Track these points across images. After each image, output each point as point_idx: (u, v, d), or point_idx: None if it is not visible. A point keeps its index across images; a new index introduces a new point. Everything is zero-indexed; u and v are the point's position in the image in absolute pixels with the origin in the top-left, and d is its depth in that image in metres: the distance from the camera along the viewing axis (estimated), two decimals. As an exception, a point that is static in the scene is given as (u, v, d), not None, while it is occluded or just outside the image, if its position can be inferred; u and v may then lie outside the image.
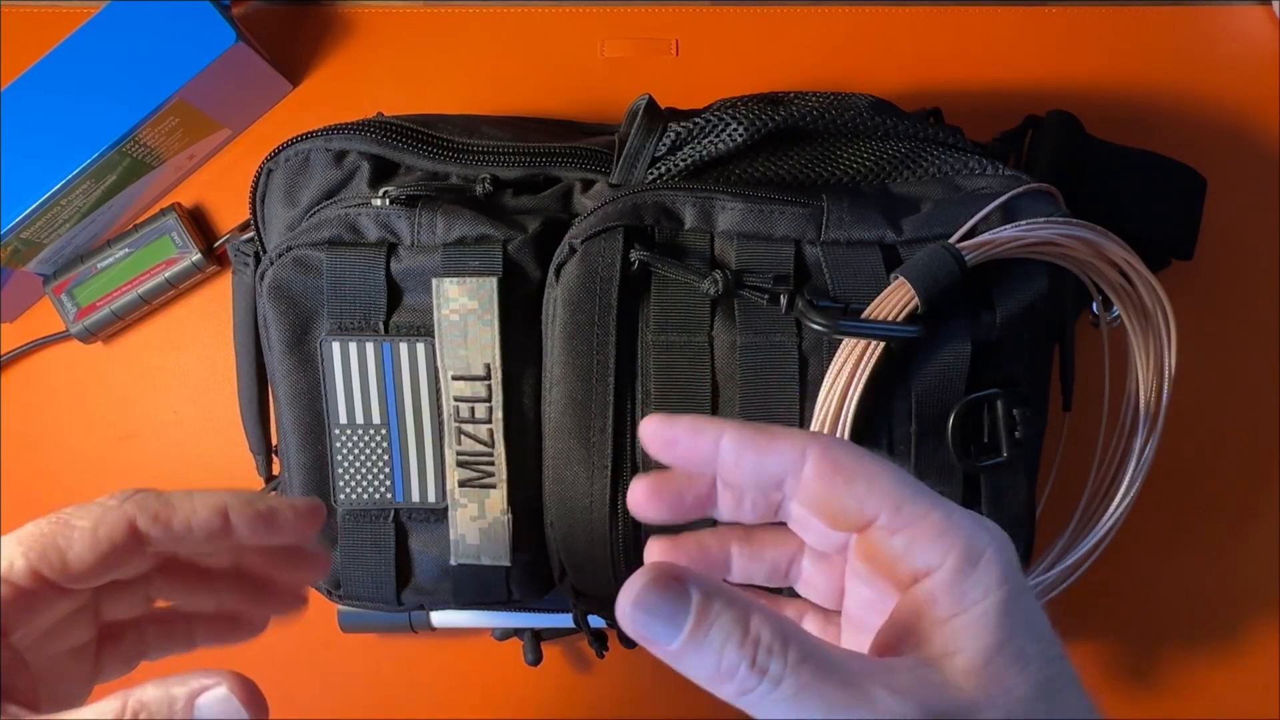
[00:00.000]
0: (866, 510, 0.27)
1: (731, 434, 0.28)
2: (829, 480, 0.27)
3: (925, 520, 0.27)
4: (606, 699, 0.57)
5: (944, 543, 0.27)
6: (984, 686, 0.25)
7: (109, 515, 0.30)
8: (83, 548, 0.30)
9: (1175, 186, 0.53)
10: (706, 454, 0.29)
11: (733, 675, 0.25)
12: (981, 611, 0.26)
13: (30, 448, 0.59)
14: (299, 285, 0.43)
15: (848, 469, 0.27)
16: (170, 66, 0.52)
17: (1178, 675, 0.57)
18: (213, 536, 0.31)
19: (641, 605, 0.25)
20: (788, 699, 0.25)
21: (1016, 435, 0.41)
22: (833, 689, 0.25)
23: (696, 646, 0.26)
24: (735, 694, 0.25)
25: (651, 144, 0.44)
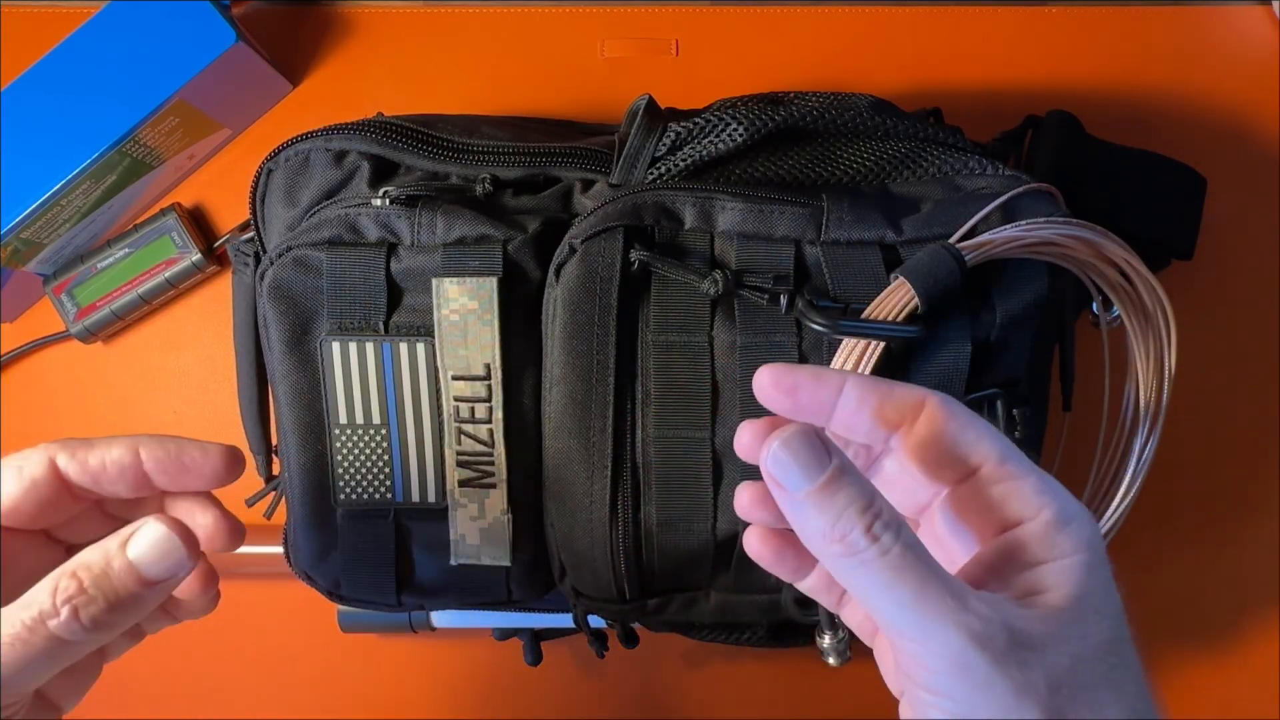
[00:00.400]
0: (973, 458, 0.29)
1: (855, 381, 0.30)
2: (946, 425, 0.29)
3: (1025, 478, 0.29)
4: (606, 699, 0.57)
5: (1040, 500, 0.29)
6: (1063, 626, 0.27)
7: (32, 454, 0.33)
8: (11, 485, 0.33)
9: (1175, 186, 0.53)
10: (826, 401, 0.30)
11: (845, 536, 0.27)
12: (1070, 564, 0.28)
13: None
14: (299, 285, 0.43)
15: (963, 418, 0.30)
16: (170, 66, 0.52)
17: (1178, 675, 0.57)
18: (127, 474, 0.33)
19: (788, 446, 0.27)
20: (889, 570, 0.26)
21: (1016, 435, 0.41)
22: (932, 581, 0.27)
23: (821, 499, 0.27)
24: (840, 553, 0.27)
25: (651, 144, 0.44)
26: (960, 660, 0.26)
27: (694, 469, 0.41)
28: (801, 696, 0.57)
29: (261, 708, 0.58)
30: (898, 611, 0.27)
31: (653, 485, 0.42)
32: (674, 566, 0.43)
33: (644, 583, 0.43)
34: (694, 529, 0.42)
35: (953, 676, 0.26)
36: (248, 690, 0.58)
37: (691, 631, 0.47)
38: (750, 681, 0.57)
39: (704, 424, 0.41)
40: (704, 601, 0.44)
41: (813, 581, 0.35)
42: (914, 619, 0.26)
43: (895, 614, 0.27)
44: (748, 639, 0.47)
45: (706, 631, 0.47)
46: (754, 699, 0.57)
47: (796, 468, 0.27)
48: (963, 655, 0.26)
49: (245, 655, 0.58)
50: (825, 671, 0.55)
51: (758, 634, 0.47)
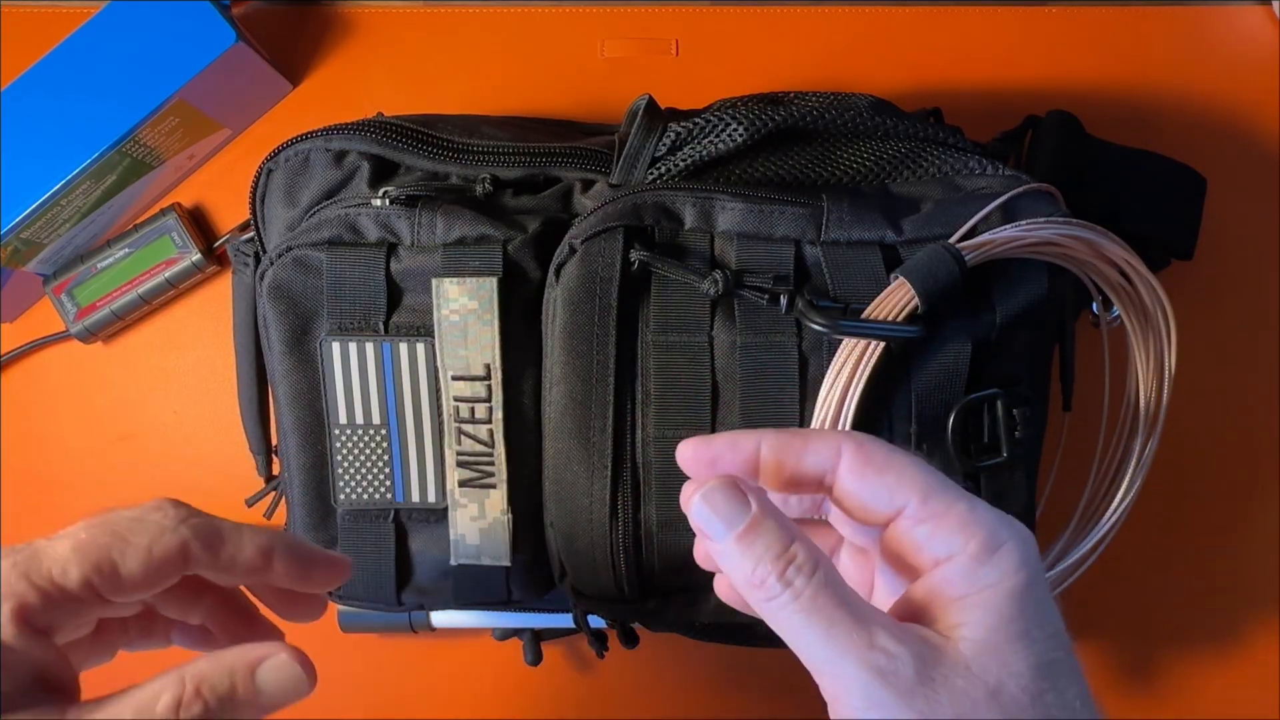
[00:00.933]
0: (896, 500, 0.29)
1: (769, 441, 0.31)
2: (861, 472, 0.30)
3: (950, 512, 0.29)
4: (606, 699, 0.57)
5: (966, 532, 0.29)
6: (981, 657, 0.27)
7: (166, 537, 0.30)
8: (135, 564, 0.30)
9: (1175, 186, 0.53)
10: (748, 464, 0.31)
11: (763, 581, 0.28)
12: (992, 595, 0.28)
13: (30, 448, 0.59)
14: (299, 285, 0.43)
15: (879, 461, 0.30)
16: (170, 66, 0.52)
17: (1178, 675, 0.57)
18: (252, 573, 0.32)
19: (708, 499, 0.29)
20: (800, 612, 0.28)
21: (1016, 435, 0.41)
22: (841, 616, 0.28)
23: (741, 548, 0.29)
24: (760, 597, 0.28)
25: (651, 144, 0.44)
26: (866, 694, 0.27)
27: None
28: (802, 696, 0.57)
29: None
30: (811, 649, 0.28)
31: (653, 485, 0.42)
32: (674, 566, 0.43)
33: (644, 583, 0.43)
34: None
35: (862, 710, 0.27)
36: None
37: (691, 631, 0.47)
38: (750, 681, 0.57)
39: (704, 424, 0.41)
40: (704, 601, 0.44)
41: None
42: (824, 655, 0.27)
43: (809, 652, 0.28)
44: (748, 639, 0.47)
45: (706, 631, 0.47)
46: (754, 699, 0.57)
47: (717, 519, 0.29)
48: (868, 689, 0.27)
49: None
50: (825, 671, 0.55)
51: (758, 634, 0.47)
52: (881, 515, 0.30)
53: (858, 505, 0.30)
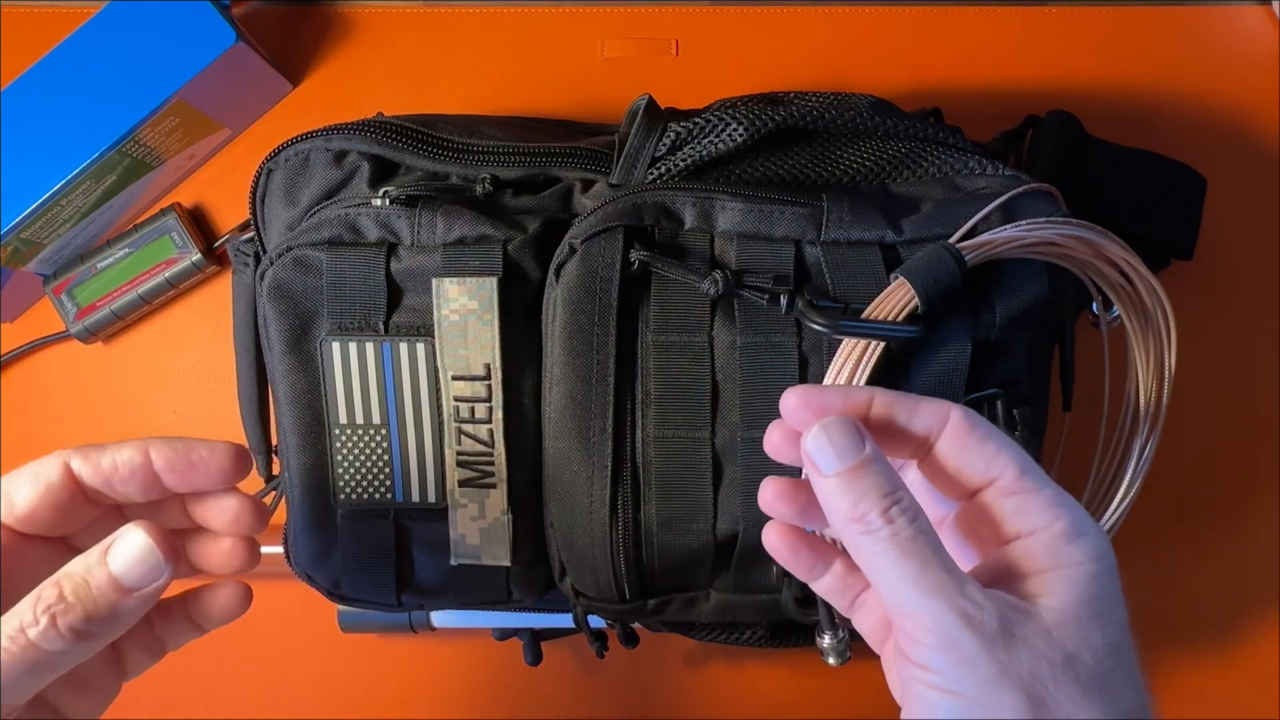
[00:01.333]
0: (992, 470, 0.31)
1: (883, 397, 0.32)
2: (966, 439, 0.31)
3: (1041, 492, 0.30)
4: (606, 699, 0.57)
5: (1053, 512, 0.30)
6: (1063, 625, 0.29)
7: (46, 459, 0.34)
8: (27, 490, 0.33)
9: (1175, 186, 0.53)
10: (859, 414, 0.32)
11: (864, 515, 0.29)
12: (1076, 571, 0.30)
13: (30, 448, 0.59)
14: (299, 285, 0.43)
15: (983, 431, 0.31)
16: (170, 66, 0.52)
17: (1178, 675, 0.57)
18: (136, 473, 0.34)
19: (826, 430, 0.30)
20: (897, 549, 0.29)
21: (1016, 435, 0.41)
22: (935, 563, 0.29)
23: (849, 481, 0.30)
24: (858, 530, 0.29)
25: (651, 144, 0.44)
26: (948, 636, 0.28)
27: (694, 469, 0.41)
28: (801, 696, 0.57)
29: (261, 708, 0.58)
30: (899, 587, 0.29)
31: (653, 485, 0.42)
32: (674, 566, 0.43)
33: (644, 583, 0.43)
34: (694, 529, 0.42)
35: (940, 651, 0.28)
36: (248, 690, 0.58)
37: (691, 631, 0.47)
38: (750, 681, 0.57)
39: (704, 424, 0.41)
40: (704, 601, 0.44)
41: (828, 582, 0.35)
42: (912, 595, 0.28)
43: (897, 589, 0.29)
44: (748, 639, 0.47)
45: (706, 631, 0.47)
46: (754, 699, 0.57)
47: (832, 450, 0.30)
48: (951, 631, 0.28)
49: (245, 655, 0.58)
50: (825, 671, 0.55)
51: (758, 634, 0.47)
52: (972, 484, 0.31)
53: (952, 470, 0.31)
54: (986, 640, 0.28)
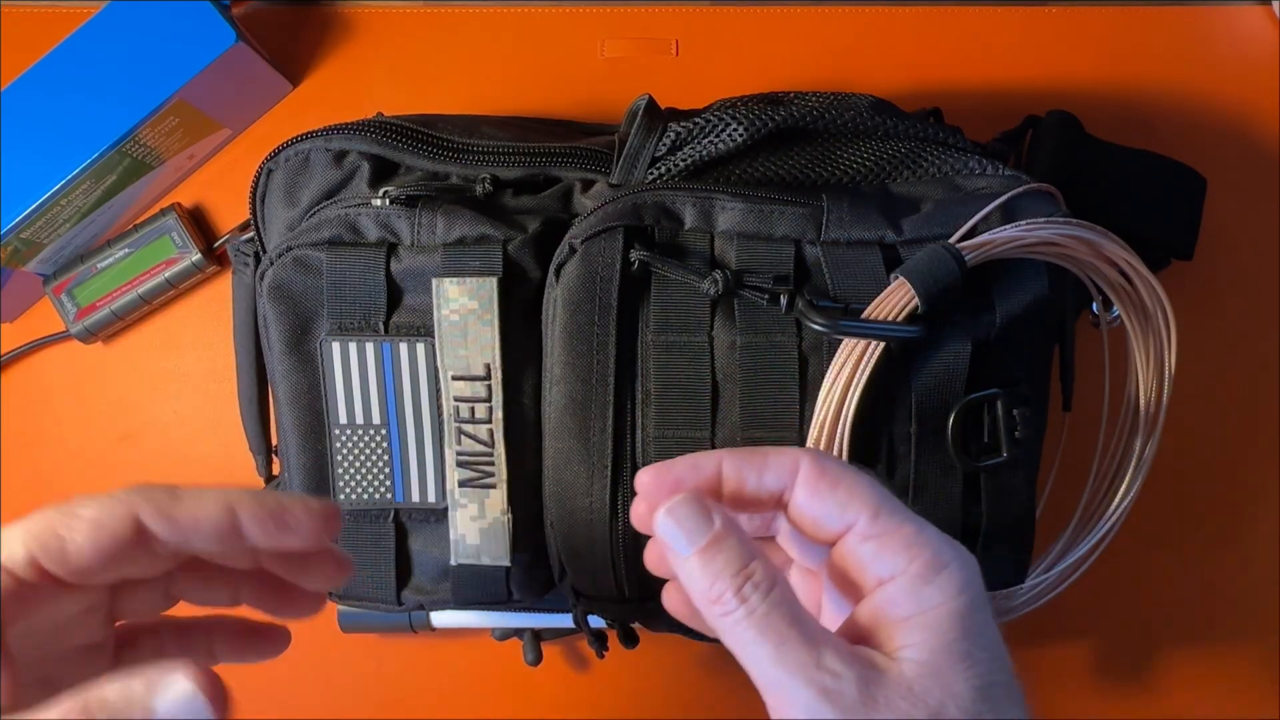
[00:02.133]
0: (846, 516, 0.30)
1: (731, 459, 0.31)
2: (815, 486, 0.30)
3: (898, 531, 0.29)
4: (606, 699, 0.57)
5: (911, 551, 0.29)
6: (924, 679, 0.28)
7: (113, 506, 0.29)
8: (84, 539, 0.28)
9: (1175, 186, 0.53)
10: (710, 485, 0.31)
11: (720, 596, 0.29)
12: (936, 615, 0.28)
13: (30, 448, 0.59)
14: (299, 285, 0.43)
15: (833, 475, 0.30)
16: (170, 66, 0.52)
17: (1178, 675, 0.57)
18: (221, 535, 0.30)
19: (673, 513, 0.29)
20: (753, 629, 0.28)
21: (1016, 435, 0.41)
22: (793, 635, 0.28)
23: (702, 563, 0.29)
24: (716, 614, 0.29)
25: (651, 144, 0.44)
26: (809, 711, 0.27)
27: (694, 469, 0.41)
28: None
29: (261, 708, 0.58)
30: (760, 665, 0.28)
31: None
32: (674, 566, 0.43)
33: (644, 583, 0.43)
34: None
35: None
36: (248, 690, 0.58)
37: (691, 632, 0.47)
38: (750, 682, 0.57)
39: (704, 424, 0.41)
40: (704, 601, 0.44)
41: None
42: (773, 673, 0.28)
43: (758, 668, 0.28)
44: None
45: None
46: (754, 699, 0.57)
47: (681, 533, 0.29)
48: (811, 708, 0.27)
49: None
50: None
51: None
52: (832, 532, 0.30)
53: (810, 521, 0.31)
54: (847, 711, 0.27)
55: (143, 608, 0.34)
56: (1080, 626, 0.57)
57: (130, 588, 0.34)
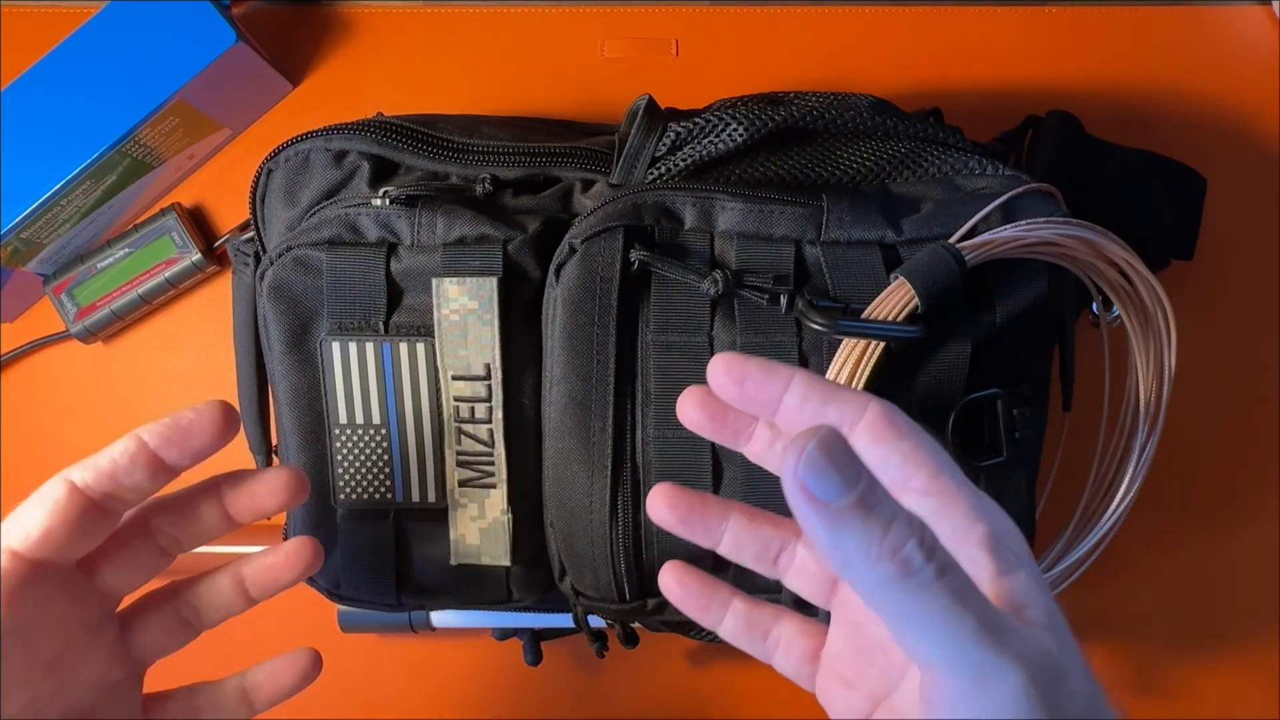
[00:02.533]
0: (907, 467, 0.29)
1: (802, 378, 0.30)
2: (882, 432, 0.29)
3: (958, 493, 0.28)
4: (606, 699, 0.57)
5: (973, 513, 0.28)
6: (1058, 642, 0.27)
7: (48, 483, 0.33)
8: (38, 515, 0.33)
9: (1175, 186, 0.53)
10: (773, 395, 0.30)
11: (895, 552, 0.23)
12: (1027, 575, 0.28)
13: (30, 448, 0.59)
14: (299, 285, 0.43)
15: (901, 426, 0.29)
16: (170, 66, 0.52)
17: (1178, 675, 0.57)
18: (137, 459, 0.34)
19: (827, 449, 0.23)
20: (950, 596, 0.24)
21: (1016, 435, 0.41)
22: (983, 603, 0.24)
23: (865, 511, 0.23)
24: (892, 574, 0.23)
25: (651, 144, 0.44)
26: (1024, 695, 0.24)
27: (694, 469, 0.41)
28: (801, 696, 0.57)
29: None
30: (954, 646, 0.24)
31: (653, 485, 0.42)
32: (674, 566, 0.43)
33: (644, 583, 0.43)
34: None
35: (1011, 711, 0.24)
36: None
37: (691, 631, 0.47)
38: (750, 681, 0.57)
39: (704, 424, 0.41)
40: (704, 601, 0.44)
41: (730, 625, 0.35)
42: (975, 660, 0.24)
43: (951, 649, 0.24)
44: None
45: (706, 631, 0.47)
46: (754, 699, 0.57)
47: (835, 475, 0.23)
48: (1023, 691, 0.24)
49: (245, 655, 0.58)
50: (825, 671, 0.55)
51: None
52: (892, 480, 0.29)
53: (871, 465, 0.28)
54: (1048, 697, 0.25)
55: (163, 641, 0.38)
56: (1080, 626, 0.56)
57: (141, 619, 0.37)
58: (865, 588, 0.24)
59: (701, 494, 0.34)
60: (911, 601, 0.24)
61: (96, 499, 0.34)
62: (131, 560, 0.36)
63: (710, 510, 0.34)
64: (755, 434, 0.33)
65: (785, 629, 0.35)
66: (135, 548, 0.36)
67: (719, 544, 0.34)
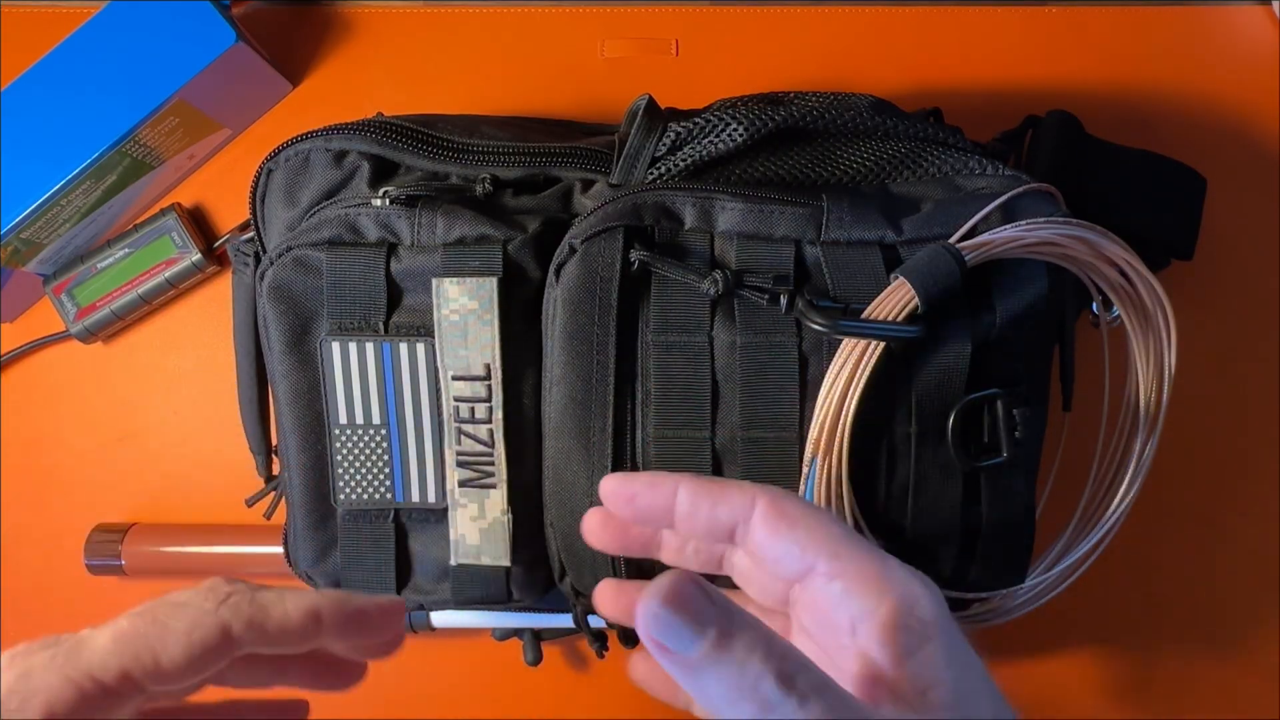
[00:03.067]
0: (807, 555, 0.29)
1: (688, 485, 0.30)
2: (774, 525, 0.29)
3: (860, 570, 0.28)
4: (606, 699, 0.57)
5: (879, 587, 0.28)
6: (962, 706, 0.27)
7: (204, 620, 0.29)
8: (176, 651, 0.28)
9: (1175, 186, 0.53)
10: (664, 506, 0.30)
11: (755, 690, 0.23)
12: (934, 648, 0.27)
13: (30, 448, 0.59)
14: (299, 285, 0.43)
15: (791, 516, 0.29)
16: (170, 66, 0.52)
17: (1178, 675, 0.57)
18: (307, 639, 0.31)
19: (672, 602, 0.23)
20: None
21: (1016, 435, 0.41)
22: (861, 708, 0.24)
23: (720, 654, 0.23)
24: (755, 713, 0.23)
25: (651, 144, 0.44)
26: None
27: (694, 469, 0.41)
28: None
29: (261, 708, 0.58)
30: None
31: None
32: (674, 566, 0.43)
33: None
34: None
35: None
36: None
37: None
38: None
39: (704, 424, 0.41)
40: (704, 601, 0.44)
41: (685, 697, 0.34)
42: None
43: None
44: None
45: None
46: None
47: (682, 627, 0.23)
48: None
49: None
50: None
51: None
52: (793, 571, 0.29)
53: (771, 560, 0.29)
54: None
55: (176, 692, 0.34)
56: (1080, 626, 0.57)
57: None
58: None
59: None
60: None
61: (237, 649, 0.30)
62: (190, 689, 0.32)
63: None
64: (663, 542, 0.33)
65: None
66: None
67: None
